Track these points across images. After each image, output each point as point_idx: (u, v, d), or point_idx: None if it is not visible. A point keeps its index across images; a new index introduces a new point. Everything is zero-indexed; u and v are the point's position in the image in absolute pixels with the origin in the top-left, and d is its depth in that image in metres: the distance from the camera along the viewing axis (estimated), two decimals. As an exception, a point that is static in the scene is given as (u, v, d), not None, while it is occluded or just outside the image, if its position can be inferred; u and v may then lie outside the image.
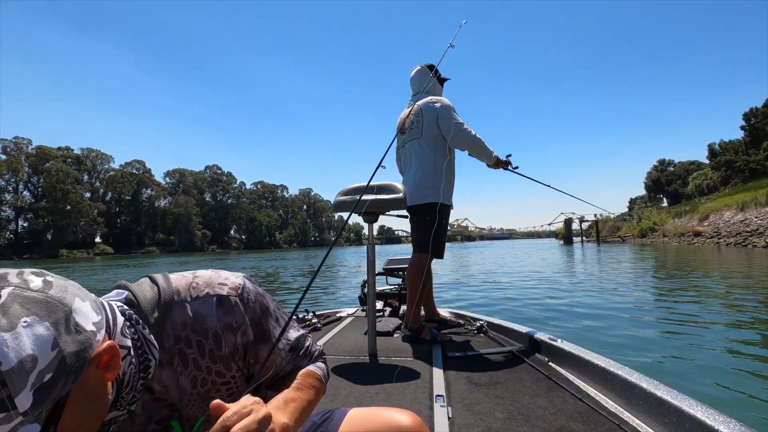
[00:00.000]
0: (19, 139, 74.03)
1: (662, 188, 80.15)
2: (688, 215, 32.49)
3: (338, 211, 2.24)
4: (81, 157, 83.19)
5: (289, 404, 0.60)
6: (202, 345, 0.60)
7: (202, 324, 0.60)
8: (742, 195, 27.83)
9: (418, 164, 2.60)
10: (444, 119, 2.52)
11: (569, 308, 5.62)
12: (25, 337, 0.38)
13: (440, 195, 2.50)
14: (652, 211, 45.04)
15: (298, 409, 0.61)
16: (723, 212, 27.13)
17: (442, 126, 2.53)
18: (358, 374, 1.88)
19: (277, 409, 0.58)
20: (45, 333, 0.39)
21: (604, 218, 52.56)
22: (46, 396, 0.39)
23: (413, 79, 2.80)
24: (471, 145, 2.55)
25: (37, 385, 0.38)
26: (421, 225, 2.55)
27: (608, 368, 1.57)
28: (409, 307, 2.51)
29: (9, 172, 71.19)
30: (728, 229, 23.34)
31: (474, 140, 2.54)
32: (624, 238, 40.89)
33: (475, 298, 7.14)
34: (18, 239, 71.72)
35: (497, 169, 2.71)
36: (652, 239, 33.82)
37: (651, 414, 1.29)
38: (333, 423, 0.77)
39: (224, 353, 0.62)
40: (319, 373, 0.73)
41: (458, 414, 1.43)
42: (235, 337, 0.62)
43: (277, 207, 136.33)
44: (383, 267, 3.48)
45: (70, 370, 0.41)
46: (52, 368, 0.39)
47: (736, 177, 45.30)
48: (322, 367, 0.75)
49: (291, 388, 0.65)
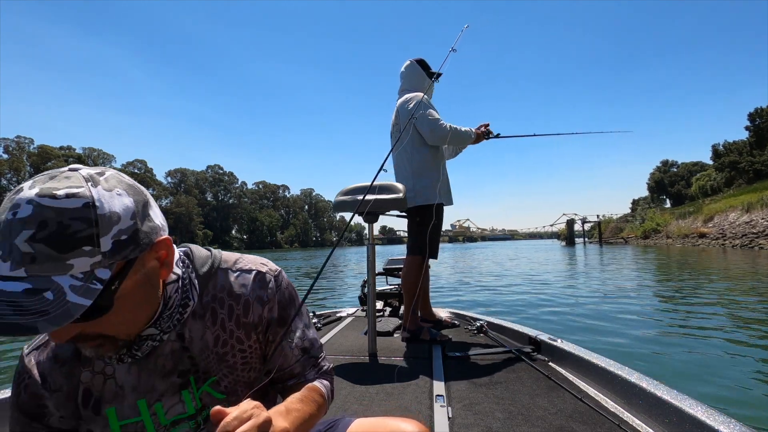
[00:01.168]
0: (21, 138, 74.44)
1: (665, 189, 79.81)
2: (692, 216, 32.20)
3: (338, 211, 2.24)
4: (83, 156, 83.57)
5: (291, 412, 0.61)
6: (232, 308, 0.66)
7: (238, 290, 0.67)
8: (748, 196, 27.53)
9: (400, 167, 2.60)
10: (418, 118, 2.46)
11: (570, 309, 5.55)
12: (116, 199, 0.47)
13: (426, 196, 2.48)
14: (655, 212, 44.75)
15: (300, 418, 0.61)
16: (728, 213, 26.84)
17: (417, 125, 2.48)
18: (358, 374, 1.87)
19: (278, 413, 0.58)
20: (129, 204, 0.49)
21: (606, 219, 52.37)
22: (119, 251, 0.47)
23: (401, 74, 2.73)
24: (449, 138, 2.48)
25: (115, 239, 0.46)
26: (412, 227, 2.55)
27: (608, 368, 1.55)
28: (406, 309, 2.50)
29: (11, 171, 71.45)
30: (733, 231, 23.09)
31: (451, 133, 2.46)
32: (627, 240, 40.64)
33: (475, 298, 7.06)
34: (19, 238, 71.70)
35: (480, 142, 2.68)
36: (655, 240, 33.57)
37: (651, 414, 1.28)
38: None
39: (249, 321, 0.67)
40: (323, 390, 0.73)
41: (458, 414, 1.42)
42: (262, 309, 0.68)
43: (278, 207, 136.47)
44: (383, 267, 3.46)
45: (139, 242, 0.49)
46: (128, 233, 0.48)
47: (741, 178, 44.96)
48: (327, 386, 0.75)
49: (294, 399, 0.65)
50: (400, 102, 2.60)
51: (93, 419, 0.60)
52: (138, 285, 0.52)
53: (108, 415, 0.60)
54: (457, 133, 2.49)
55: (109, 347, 0.53)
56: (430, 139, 2.48)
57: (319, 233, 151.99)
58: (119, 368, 0.60)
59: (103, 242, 0.45)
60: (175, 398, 0.63)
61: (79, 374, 0.60)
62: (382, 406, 1.50)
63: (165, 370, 0.62)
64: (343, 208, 2.23)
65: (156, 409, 0.62)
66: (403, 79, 2.71)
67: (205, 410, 0.64)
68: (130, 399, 0.60)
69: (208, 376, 0.64)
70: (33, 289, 0.41)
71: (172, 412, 0.63)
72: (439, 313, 3.00)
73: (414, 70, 2.67)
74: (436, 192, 2.50)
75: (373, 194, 2.15)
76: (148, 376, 0.61)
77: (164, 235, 0.55)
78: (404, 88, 2.68)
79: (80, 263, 0.44)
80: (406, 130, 2.51)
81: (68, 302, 0.42)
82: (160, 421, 0.62)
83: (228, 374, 0.65)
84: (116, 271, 0.48)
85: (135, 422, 0.61)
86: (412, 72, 2.67)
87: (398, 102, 2.63)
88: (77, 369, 0.60)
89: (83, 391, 0.60)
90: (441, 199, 2.52)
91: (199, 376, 0.64)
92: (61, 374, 0.59)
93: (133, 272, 0.50)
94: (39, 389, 0.59)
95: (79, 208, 0.44)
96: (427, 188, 2.48)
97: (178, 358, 0.62)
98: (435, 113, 2.48)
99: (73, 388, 0.60)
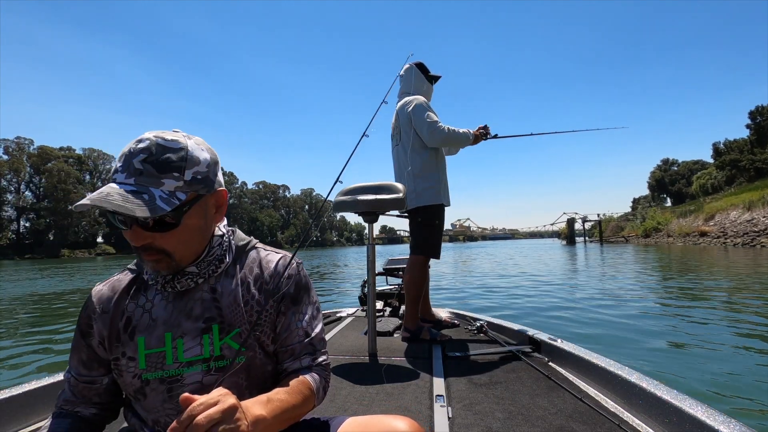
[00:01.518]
0: (21, 139, 74.17)
1: (666, 188, 79.73)
2: (693, 215, 32.15)
3: (338, 210, 2.26)
4: (83, 157, 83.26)
5: (272, 402, 0.65)
6: (258, 276, 0.79)
7: (266, 264, 0.80)
8: (749, 194, 27.45)
9: (399, 170, 2.64)
10: (417, 120, 2.50)
11: (571, 309, 5.54)
12: (199, 151, 0.67)
13: (426, 198, 2.50)
14: (656, 210, 44.66)
15: (280, 408, 0.65)
16: (729, 212, 26.79)
17: (416, 127, 2.52)
18: (358, 374, 1.87)
19: (258, 402, 0.63)
20: (207, 157, 0.69)
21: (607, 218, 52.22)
22: (194, 184, 0.66)
23: (400, 78, 2.77)
24: (447, 140, 2.51)
25: (194, 175, 0.66)
26: (414, 227, 2.58)
27: (608, 368, 1.55)
28: (407, 309, 2.51)
29: (11, 172, 71.36)
30: (735, 229, 23.02)
31: (449, 136, 2.50)
32: (627, 238, 40.57)
33: (476, 298, 7.05)
34: (20, 239, 71.90)
35: (479, 143, 2.70)
36: (656, 239, 33.50)
37: (651, 414, 1.28)
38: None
39: (269, 288, 0.78)
40: (311, 383, 0.75)
41: (458, 414, 1.42)
42: (282, 281, 0.79)
43: (278, 207, 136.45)
44: (383, 267, 3.46)
45: (207, 184, 0.68)
46: (202, 174, 0.67)
47: (742, 176, 44.83)
48: (317, 380, 0.77)
49: (280, 390, 0.70)
50: (399, 105, 2.65)
51: (128, 343, 0.71)
52: (199, 216, 0.69)
53: (138, 343, 0.71)
54: (456, 135, 2.52)
55: (165, 265, 0.68)
56: (429, 141, 2.50)
57: (320, 233, 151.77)
58: (157, 305, 0.73)
59: (186, 174, 0.65)
60: (195, 341, 0.71)
61: (126, 305, 0.73)
62: (382, 406, 1.50)
63: (194, 313, 0.72)
64: (342, 208, 2.24)
65: (177, 343, 0.71)
66: (403, 82, 2.75)
67: (223, 360, 0.71)
68: (159, 331, 0.71)
69: (232, 329, 0.73)
70: (137, 191, 0.61)
71: (190, 352, 0.71)
72: (439, 313, 3.00)
73: (413, 74, 2.70)
74: (437, 193, 2.53)
75: (372, 194, 2.16)
76: (179, 315, 0.72)
77: (224, 188, 0.74)
78: (404, 91, 2.73)
79: (169, 183, 0.63)
80: (406, 133, 2.56)
81: (156, 204, 0.61)
82: (178, 356, 0.70)
83: (247, 330, 0.73)
84: (188, 198, 0.66)
85: (158, 352, 0.70)
86: (411, 76, 2.71)
87: (398, 105, 2.68)
88: (125, 300, 0.74)
89: (125, 318, 0.72)
90: (442, 199, 2.56)
91: (223, 327, 0.73)
92: (113, 301, 0.74)
93: (199, 205, 0.68)
94: (93, 310, 0.73)
95: (177, 149, 0.64)
96: (428, 189, 2.52)
97: (207, 306, 0.73)
98: (434, 116, 2.51)
99: (119, 313, 0.73)
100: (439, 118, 2.52)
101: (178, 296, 0.73)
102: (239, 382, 0.73)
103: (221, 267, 0.76)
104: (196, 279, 0.73)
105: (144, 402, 0.71)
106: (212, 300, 0.74)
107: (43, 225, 71.66)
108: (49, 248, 69.92)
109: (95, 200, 0.58)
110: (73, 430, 0.71)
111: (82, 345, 0.74)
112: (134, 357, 0.70)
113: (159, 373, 0.70)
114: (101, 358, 0.74)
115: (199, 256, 0.73)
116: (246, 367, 0.74)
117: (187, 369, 0.70)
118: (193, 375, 0.71)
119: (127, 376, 0.71)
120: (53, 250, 69.69)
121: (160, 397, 0.70)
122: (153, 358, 0.70)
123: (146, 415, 0.72)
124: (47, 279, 15.15)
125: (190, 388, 0.70)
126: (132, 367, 0.70)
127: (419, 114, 2.50)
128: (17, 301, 8.78)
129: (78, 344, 0.75)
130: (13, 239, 71.12)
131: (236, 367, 0.72)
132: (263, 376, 0.77)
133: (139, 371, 0.70)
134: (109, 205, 0.58)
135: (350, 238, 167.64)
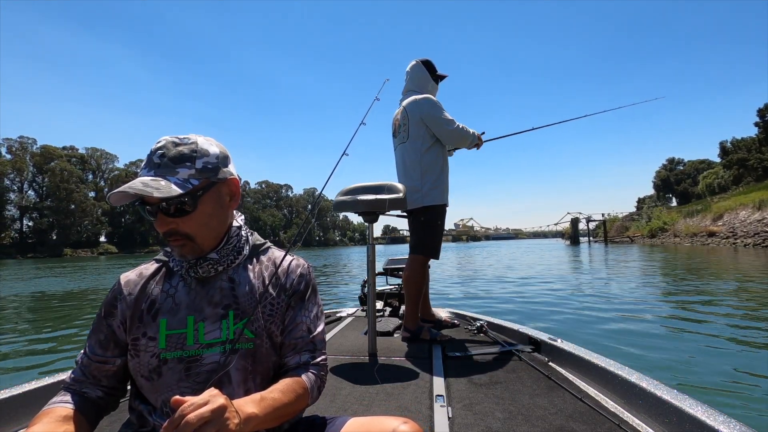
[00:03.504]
0: (24, 138, 74.13)
1: (671, 188, 79.07)
2: (701, 215, 31.59)
3: (339, 210, 2.27)
4: (85, 156, 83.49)
5: (265, 400, 0.69)
6: (273, 272, 0.87)
7: (281, 263, 0.88)
8: (759, 193, 26.90)
9: (406, 169, 2.60)
10: (433, 120, 2.51)
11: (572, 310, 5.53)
12: (208, 146, 0.78)
13: (432, 197, 2.50)
14: (662, 210, 44.13)
15: (272, 406, 0.69)
16: (738, 211, 26.26)
17: (433, 127, 2.52)
18: (358, 374, 1.87)
19: (251, 401, 0.67)
20: (217, 150, 0.79)
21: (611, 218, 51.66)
22: (205, 172, 0.76)
23: (406, 74, 2.74)
24: (463, 139, 2.57)
25: (204, 164, 0.76)
26: (416, 227, 2.56)
27: (608, 368, 1.55)
28: (407, 308, 2.51)
29: (14, 172, 71.49)
30: (745, 229, 22.53)
31: (465, 134, 2.56)
32: (633, 239, 40.09)
33: (476, 298, 7.07)
34: (22, 238, 72.02)
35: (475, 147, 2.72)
36: (662, 239, 33.01)
37: (651, 414, 1.28)
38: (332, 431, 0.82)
39: (282, 282, 0.86)
40: (306, 382, 0.80)
41: (458, 414, 1.42)
42: (294, 279, 0.88)
43: (281, 207, 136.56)
44: (383, 267, 3.47)
45: (217, 172, 0.78)
46: (212, 164, 0.77)
47: (749, 175, 44.19)
48: (312, 379, 0.82)
49: (274, 388, 0.74)
50: (407, 102, 2.60)
51: (150, 324, 0.77)
52: (214, 202, 0.78)
53: (160, 324, 0.77)
54: (469, 134, 2.58)
55: (189, 249, 0.77)
56: (447, 139, 2.55)
57: (322, 233, 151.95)
58: (180, 291, 0.80)
59: (197, 163, 0.75)
60: (215, 325, 0.78)
61: (151, 289, 0.81)
62: (382, 406, 1.49)
63: (214, 300, 0.80)
64: (342, 208, 2.24)
65: (199, 326, 0.77)
66: (408, 79, 2.72)
67: (236, 344, 0.78)
68: (182, 314, 0.78)
69: (245, 316, 0.80)
70: (155, 179, 0.71)
71: (211, 335, 0.78)
72: (439, 313, 3.00)
73: (418, 72, 2.68)
74: (442, 193, 2.54)
75: (372, 194, 2.17)
76: (201, 300, 0.79)
77: (235, 177, 0.83)
78: (409, 88, 2.70)
79: (183, 172, 0.73)
80: (416, 131, 2.54)
81: (172, 187, 0.71)
82: (199, 338, 0.77)
83: (258, 319, 0.81)
84: (201, 185, 0.75)
85: (179, 333, 0.77)
86: (417, 73, 2.68)
87: (405, 102, 2.63)
88: (151, 285, 0.81)
89: (150, 301, 0.79)
90: (445, 199, 2.57)
91: (238, 314, 0.80)
92: (139, 285, 0.81)
93: (212, 192, 0.78)
94: (119, 292, 0.80)
95: (188, 143, 0.76)
96: (435, 189, 2.51)
97: (225, 294, 0.81)
98: (448, 114, 2.53)
99: (144, 296, 0.80)
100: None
101: (199, 284, 0.80)
102: (246, 366, 0.79)
103: (239, 258, 0.84)
104: (216, 266, 0.80)
105: (157, 381, 0.75)
106: (230, 289, 0.81)
107: (46, 224, 71.81)
108: (51, 247, 70.01)
109: (122, 189, 0.68)
110: (79, 406, 0.74)
111: (102, 325, 0.79)
112: (155, 337, 0.76)
113: (179, 352, 0.76)
114: (119, 339, 0.79)
115: (219, 243, 0.81)
116: (253, 353, 0.79)
117: (206, 350, 0.76)
118: (212, 356, 0.76)
119: (145, 355, 0.76)
120: (56, 249, 69.75)
121: (177, 376, 0.75)
122: (173, 339, 0.76)
123: (157, 396, 0.76)
124: (50, 278, 15.02)
125: (208, 367, 0.76)
126: (152, 346, 0.76)
127: (437, 112, 2.50)
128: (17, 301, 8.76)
129: (99, 325, 0.80)
130: (16, 238, 71.31)
131: (246, 352, 0.79)
132: (267, 364, 0.82)
133: (159, 350, 0.76)
134: (131, 190, 0.68)
135: (353, 237, 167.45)
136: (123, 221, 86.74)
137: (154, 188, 0.68)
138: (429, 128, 2.52)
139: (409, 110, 2.56)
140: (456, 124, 2.52)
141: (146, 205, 0.74)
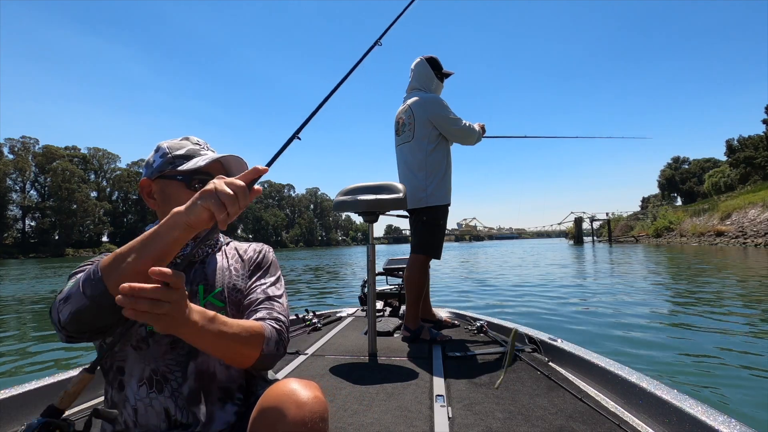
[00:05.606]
0: (26, 138, 74.26)
1: (676, 186, 78.36)
2: (708, 214, 31.06)
3: (339, 210, 2.28)
4: (87, 156, 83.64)
5: (216, 319, 0.73)
6: (236, 252, 1.00)
7: (245, 248, 1.02)
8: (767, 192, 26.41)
9: (409, 168, 2.58)
10: (442, 120, 2.51)
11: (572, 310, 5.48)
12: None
13: (436, 198, 2.49)
14: (668, 209, 43.60)
15: (219, 329, 0.73)
16: (747, 210, 25.77)
17: (440, 127, 2.53)
18: (358, 374, 1.87)
19: (200, 311, 0.71)
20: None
21: (616, 217, 51.14)
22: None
23: (411, 71, 2.72)
24: (470, 137, 2.61)
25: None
26: (417, 227, 2.56)
27: (608, 368, 1.55)
28: (408, 308, 2.51)
29: (16, 172, 71.62)
30: (755, 229, 22.07)
31: (472, 133, 2.61)
32: (638, 238, 39.61)
33: (477, 298, 7.00)
34: (25, 238, 72.14)
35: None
36: (668, 239, 32.55)
37: (651, 414, 1.29)
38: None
39: (245, 257, 0.99)
40: (263, 329, 0.83)
41: (458, 414, 1.42)
42: (255, 254, 1.00)
43: (283, 206, 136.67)
44: (383, 267, 3.47)
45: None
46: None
47: (757, 174, 43.53)
48: (269, 330, 0.84)
49: (231, 319, 0.79)
50: (413, 100, 2.58)
51: None
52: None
53: None
54: (475, 131, 2.63)
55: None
56: (456, 137, 2.58)
57: (325, 232, 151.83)
58: None
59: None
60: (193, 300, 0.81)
61: None
62: (382, 406, 1.49)
63: (188, 279, 0.90)
64: (343, 208, 2.25)
65: None
66: (413, 77, 2.70)
67: None
68: None
69: (213, 289, 0.90)
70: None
71: None
72: (439, 313, 3.00)
73: (423, 69, 2.65)
74: (446, 193, 2.54)
75: (372, 194, 2.17)
76: None
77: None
78: (414, 86, 2.69)
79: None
80: (422, 131, 2.52)
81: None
82: None
83: (224, 290, 0.91)
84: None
85: None
86: (421, 71, 2.66)
87: (410, 100, 2.60)
88: None
89: None
90: (448, 199, 2.56)
91: (207, 288, 0.90)
92: None
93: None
94: None
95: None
96: (439, 189, 2.50)
97: (197, 272, 0.92)
98: (453, 113, 2.54)
99: None
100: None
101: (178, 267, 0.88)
102: None
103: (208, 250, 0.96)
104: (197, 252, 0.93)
105: (146, 351, 0.83)
106: (201, 268, 0.93)
107: (48, 224, 71.91)
108: (53, 247, 70.15)
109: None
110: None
111: None
112: None
113: None
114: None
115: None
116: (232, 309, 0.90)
117: None
118: None
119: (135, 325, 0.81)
120: (58, 249, 69.89)
121: (163, 349, 0.84)
122: None
123: (144, 366, 0.83)
124: (52, 278, 14.82)
125: None
126: None
127: (445, 112, 2.50)
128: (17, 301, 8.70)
129: None
130: (18, 238, 71.43)
131: None
132: None
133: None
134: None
135: (355, 237, 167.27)
136: (125, 221, 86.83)
137: None
138: (436, 128, 2.52)
139: (416, 110, 2.54)
140: (463, 122, 2.55)
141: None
